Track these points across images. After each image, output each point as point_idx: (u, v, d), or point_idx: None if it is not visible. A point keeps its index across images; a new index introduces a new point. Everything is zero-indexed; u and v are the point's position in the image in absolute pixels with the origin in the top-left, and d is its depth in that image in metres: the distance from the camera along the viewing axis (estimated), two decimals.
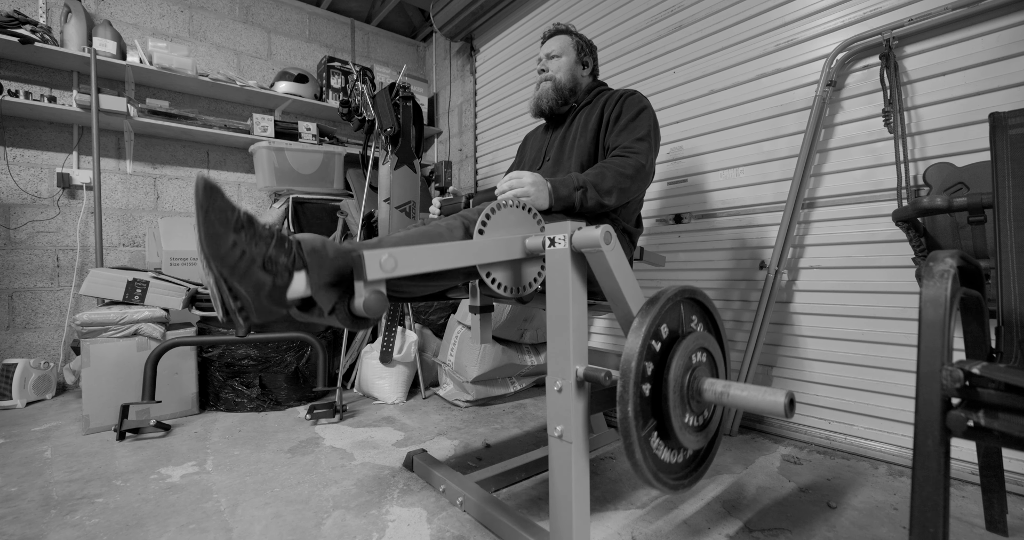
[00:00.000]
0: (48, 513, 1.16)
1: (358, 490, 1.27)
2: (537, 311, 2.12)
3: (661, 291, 0.86)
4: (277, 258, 0.74)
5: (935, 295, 0.70)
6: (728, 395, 0.80)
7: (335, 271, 0.78)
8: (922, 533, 0.67)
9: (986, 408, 0.66)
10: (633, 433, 0.77)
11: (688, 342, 0.85)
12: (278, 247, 0.74)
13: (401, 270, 0.78)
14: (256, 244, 0.72)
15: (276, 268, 0.73)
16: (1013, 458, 1.25)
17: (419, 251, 0.81)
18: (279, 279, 0.74)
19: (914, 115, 1.43)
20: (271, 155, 2.60)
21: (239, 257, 0.70)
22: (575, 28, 1.52)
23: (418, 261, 0.81)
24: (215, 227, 0.68)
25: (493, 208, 0.99)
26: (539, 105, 1.48)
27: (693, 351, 0.86)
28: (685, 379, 0.84)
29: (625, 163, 1.23)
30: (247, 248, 0.71)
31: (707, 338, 0.90)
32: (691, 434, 0.86)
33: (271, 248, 0.74)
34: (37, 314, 2.39)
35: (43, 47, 2.19)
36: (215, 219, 0.68)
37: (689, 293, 0.91)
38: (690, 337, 0.86)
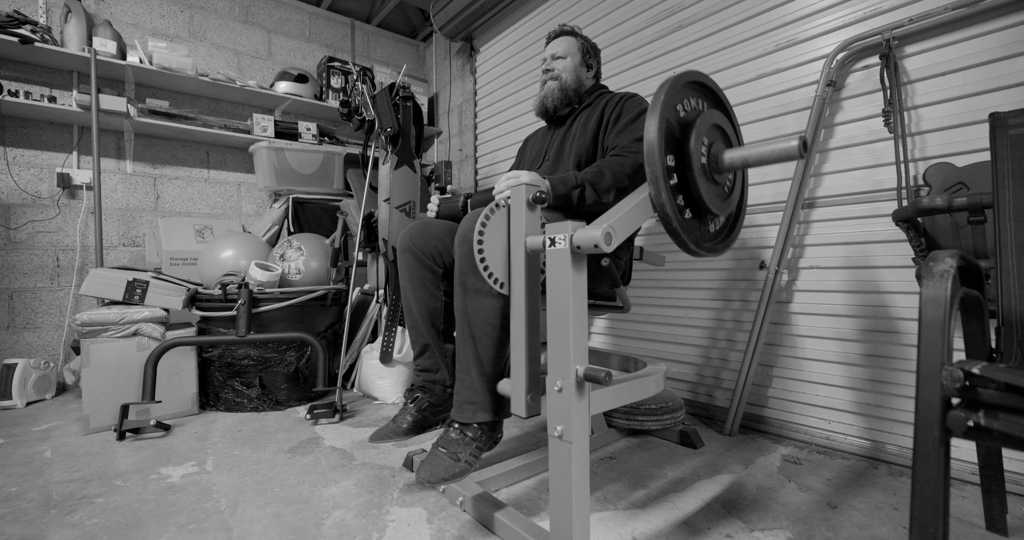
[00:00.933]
0: (48, 513, 1.16)
1: (358, 490, 1.27)
2: None
3: (664, 82, 0.94)
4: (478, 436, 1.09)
5: (935, 295, 0.70)
6: (748, 159, 0.91)
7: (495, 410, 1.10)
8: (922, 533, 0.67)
9: (986, 408, 0.66)
10: (667, 206, 0.88)
11: (701, 121, 0.93)
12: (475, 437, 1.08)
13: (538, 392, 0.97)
14: (466, 446, 1.07)
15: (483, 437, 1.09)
16: (1013, 458, 1.25)
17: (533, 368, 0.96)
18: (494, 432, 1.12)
19: (914, 115, 1.43)
20: (271, 155, 2.60)
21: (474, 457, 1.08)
22: (580, 30, 1.53)
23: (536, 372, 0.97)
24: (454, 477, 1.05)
25: (492, 209, 0.99)
26: (544, 105, 1.49)
27: (706, 129, 0.95)
28: (706, 157, 0.94)
29: (623, 162, 1.23)
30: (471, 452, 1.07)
31: (716, 115, 0.98)
32: (721, 202, 0.98)
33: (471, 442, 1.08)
34: (37, 314, 2.39)
35: (43, 47, 2.19)
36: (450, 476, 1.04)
37: (690, 77, 0.98)
38: (702, 117, 0.94)
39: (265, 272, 2.04)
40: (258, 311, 1.99)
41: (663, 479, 1.33)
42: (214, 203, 2.89)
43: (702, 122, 0.94)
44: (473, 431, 1.07)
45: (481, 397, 1.07)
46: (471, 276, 1.06)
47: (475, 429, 1.08)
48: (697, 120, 0.94)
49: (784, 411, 1.69)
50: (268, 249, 2.35)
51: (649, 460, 1.46)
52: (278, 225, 2.65)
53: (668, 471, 1.39)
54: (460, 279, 1.08)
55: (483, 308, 1.06)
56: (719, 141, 0.98)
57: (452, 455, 1.04)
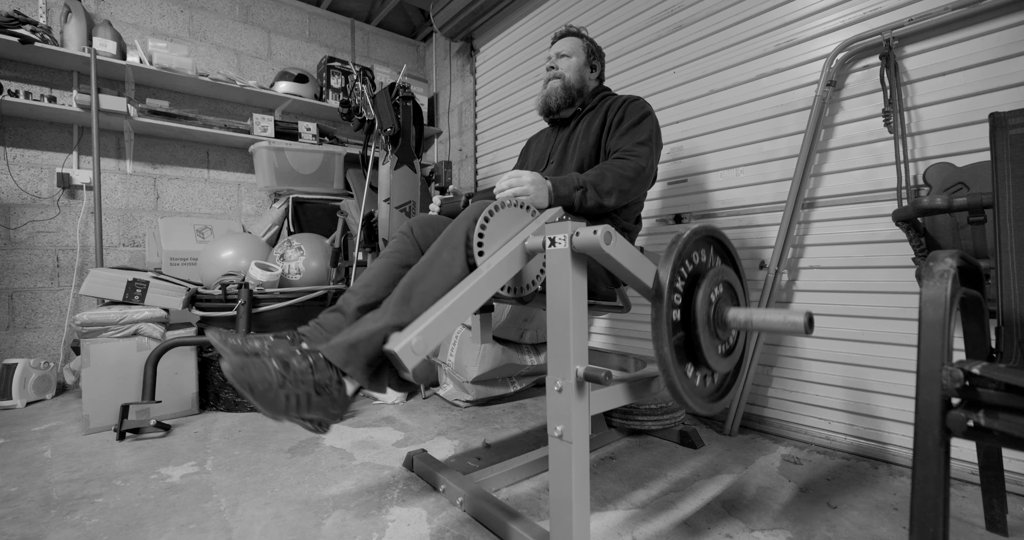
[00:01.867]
0: (48, 513, 1.16)
1: (358, 490, 1.27)
2: (537, 311, 2.12)
3: (679, 233, 0.93)
4: (323, 382, 0.84)
5: (935, 295, 0.70)
6: (751, 322, 0.90)
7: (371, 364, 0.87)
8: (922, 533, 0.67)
9: (986, 408, 0.66)
10: (671, 365, 0.86)
11: (710, 276, 0.93)
12: (320, 374, 0.85)
13: (432, 345, 0.84)
14: (302, 384, 0.82)
15: (328, 388, 0.85)
16: (1013, 458, 1.25)
17: (441, 319, 0.85)
18: (335, 394, 0.86)
19: (914, 115, 1.43)
20: (271, 155, 2.60)
21: (297, 402, 0.81)
22: (587, 32, 1.53)
23: (443, 328, 0.86)
24: (265, 396, 0.78)
25: (493, 208, 0.99)
26: (547, 103, 1.49)
27: (715, 284, 0.94)
28: (710, 311, 0.93)
29: (625, 165, 1.23)
30: (298, 392, 0.81)
31: (727, 272, 0.97)
32: (721, 360, 0.96)
33: (314, 379, 0.83)
34: (37, 314, 2.39)
35: (43, 47, 2.19)
36: (260, 389, 0.78)
37: (705, 232, 0.97)
38: (711, 272, 0.94)
39: (265, 272, 2.04)
40: (258, 311, 1.99)
41: (663, 479, 1.33)
42: (214, 203, 2.89)
43: (712, 275, 0.94)
44: (322, 375, 0.84)
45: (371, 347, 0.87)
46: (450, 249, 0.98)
47: (326, 375, 0.84)
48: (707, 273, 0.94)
49: (784, 411, 1.69)
50: (268, 249, 2.35)
51: (649, 460, 1.46)
52: (278, 225, 2.65)
53: (668, 471, 1.39)
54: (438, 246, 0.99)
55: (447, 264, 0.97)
56: (727, 297, 0.98)
57: (280, 377, 0.80)
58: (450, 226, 1.02)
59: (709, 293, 0.93)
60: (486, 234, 0.97)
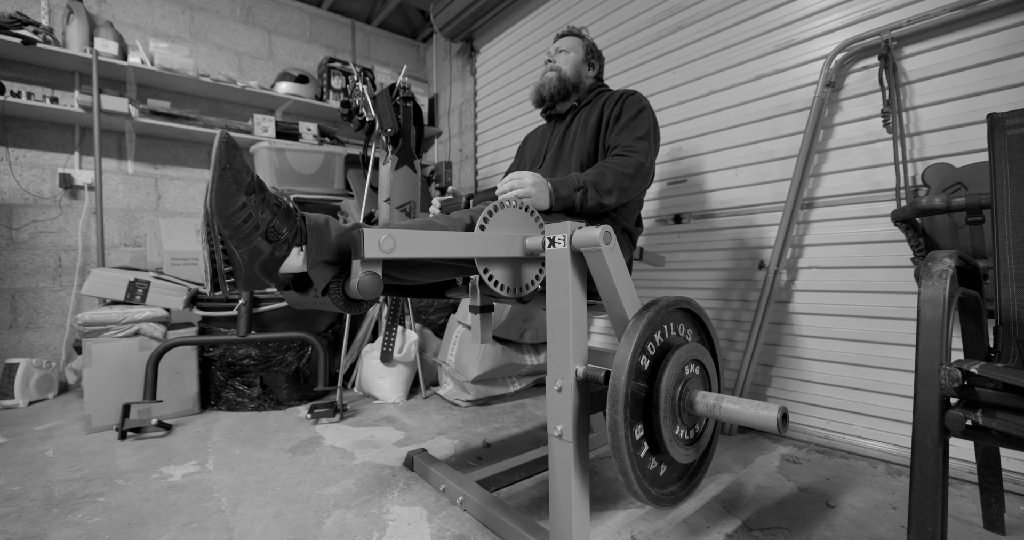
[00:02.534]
0: (50, 512, 1.16)
1: (359, 489, 1.28)
2: (537, 311, 2.13)
3: (655, 300, 0.86)
4: (280, 228, 0.73)
5: (933, 295, 0.71)
6: (720, 408, 0.79)
7: (335, 249, 0.77)
8: (920, 532, 0.67)
9: (984, 407, 0.66)
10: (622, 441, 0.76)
11: (680, 353, 0.85)
12: (284, 218, 0.73)
13: (399, 251, 0.77)
14: (263, 210, 0.71)
15: (278, 238, 0.73)
16: (1011, 457, 1.25)
17: (419, 235, 0.81)
18: (278, 250, 0.73)
19: (913, 116, 1.43)
20: (272, 155, 2.60)
21: (244, 220, 0.69)
22: (588, 33, 1.54)
23: (417, 245, 0.80)
24: (228, 185, 0.67)
25: (494, 208, 0.99)
26: (540, 92, 1.49)
27: (685, 363, 0.86)
28: (677, 391, 0.83)
29: (625, 162, 1.23)
30: (254, 212, 0.70)
31: (700, 350, 0.89)
32: (681, 447, 0.85)
33: (277, 217, 0.72)
34: (39, 314, 2.40)
35: (45, 48, 2.19)
36: (230, 177, 0.67)
37: (683, 304, 0.90)
38: (682, 348, 0.86)
39: None
40: (259, 311, 1.99)
41: None
42: None
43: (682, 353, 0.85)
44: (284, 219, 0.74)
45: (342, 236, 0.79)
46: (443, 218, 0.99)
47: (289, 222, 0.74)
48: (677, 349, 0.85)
49: None
50: None
51: None
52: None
53: None
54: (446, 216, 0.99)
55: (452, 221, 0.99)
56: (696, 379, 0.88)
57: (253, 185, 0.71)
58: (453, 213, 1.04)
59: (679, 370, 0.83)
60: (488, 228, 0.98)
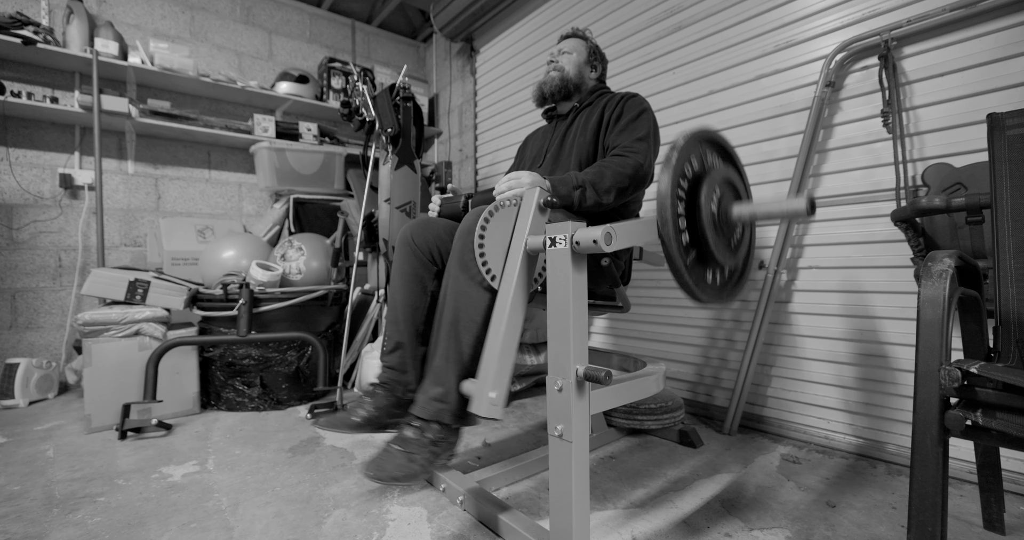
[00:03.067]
0: (50, 512, 1.16)
1: (359, 489, 1.28)
2: (537, 311, 2.12)
3: (678, 137, 0.95)
4: (436, 438, 1.02)
5: (933, 295, 0.71)
6: (755, 214, 0.94)
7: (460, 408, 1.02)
8: (920, 532, 0.67)
9: (984, 407, 0.66)
10: (680, 263, 0.90)
11: (711, 177, 0.95)
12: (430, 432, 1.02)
13: (505, 391, 0.95)
14: (422, 448, 1.00)
15: (442, 439, 1.03)
16: (1011, 457, 1.25)
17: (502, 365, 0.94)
18: (448, 434, 1.04)
19: (912, 116, 1.43)
20: (272, 155, 2.60)
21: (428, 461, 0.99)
22: (591, 35, 1.55)
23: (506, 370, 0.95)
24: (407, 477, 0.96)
25: (492, 210, 0.99)
26: (541, 90, 1.50)
27: (717, 183, 0.96)
28: (715, 208, 0.95)
29: (624, 162, 1.23)
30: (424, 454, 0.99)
31: (727, 170, 0.99)
32: (728, 254, 0.99)
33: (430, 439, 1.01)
34: (39, 314, 2.40)
35: (45, 48, 2.19)
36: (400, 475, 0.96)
37: (703, 134, 0.99)
38: (713, 172, 0.96)
39: (266, 272, 2.05)
40: (259, 311, 1.99)
41: (663, 478, 1.34)
42: (215, 203, 2.90)
43: (713, 176, 0.96)
44: (433, 432, 1.02)
45: (451, 396, 1.02)
46: (462, 272, 1.03)
47: (435, 430, 1.02)
48: (709, 174, 0.96)
49: (783, 410, 1.69)
50: (269, 249, 2.35)
51: (649, 459, 1.47)
52: (279, 225, 2.65)
53: (668, 470, 1.39)
54: (454, 268, 1.04)
55: (473, 299, 1.03)
56: (728, 195, 1.00)
57: (407, 454, 0.98)
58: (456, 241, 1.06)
59: (712, 193, 0.94)
60: (487, 236, 0.98)
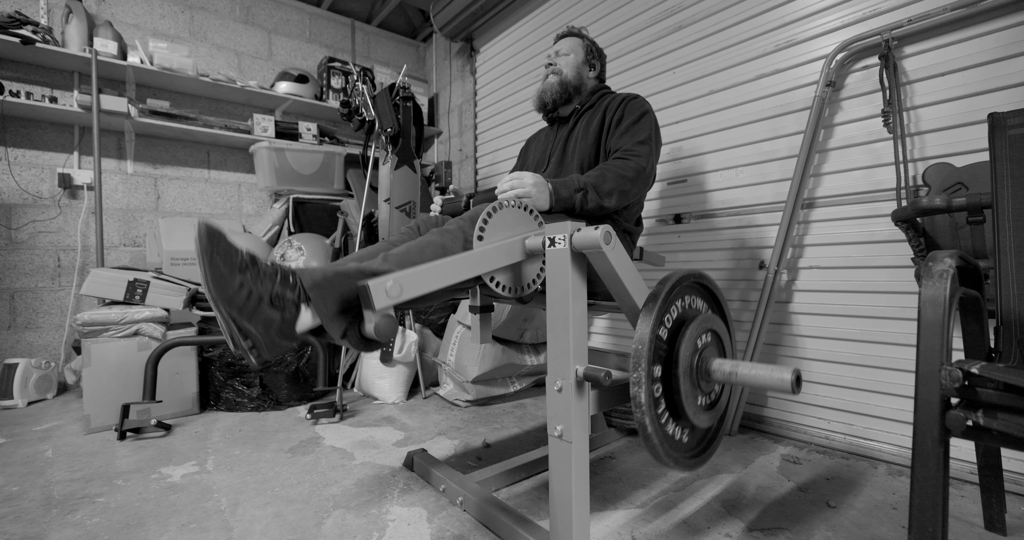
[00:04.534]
0: (49, 512, 1.16)
1: (358, 490, 1.28)
2: (537, 311, 2.12)
3: (666, 277, 0.90)
4: (283, 294, 0.76)
5: (934, 295, 0.70)
6: (736, 374, 0.84)
7: (341, 299, 0.79)
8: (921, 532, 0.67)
9: (985, 408, 0.66)
10: (647, 415, 0.81)
11: (695, 325, 0.88)
12: (283, 283, 0.76)
13: (407, 295, 0.80)
14: (262, 282, 0.74)
15: (284, 303, 0.76)
16: (1012, 458, 1.25)
17: (423, 272, 0.82)
18: (287, 314, 0.76)
19: (913, 115, 1.43)
20: (271, 155, 2.60)
21: (247, 297, 0.72)
22: (588, 33, 1.53)
23: (422, 283, 0.82)
24: (220, 269, 0.70)
25: (494, 208, 0.99)
26: (542, 98, 1.49)
27: (700, 333, 0.90)
28: (694, 361, 0.88)
29: (626, 165, 1.23)
30: (253, 287, 0.73)
31: (713, 320, 0.93)
32: (702, 413, 0.90)
33: (276, 285, 0.76)
34: (38, 314, 2.40)
35: (44, 48, 2.19)
36: (220, 262, 0.70)
37: (694, 278, 0.94)
38: (697, 320, 0.89)
39: None
40: None
41: (663, 479, 1.34)
42: (215, 203, 2.90)
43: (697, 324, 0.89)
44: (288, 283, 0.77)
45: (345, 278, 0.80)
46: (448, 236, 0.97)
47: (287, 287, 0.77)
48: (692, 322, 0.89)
49: (783, 411, 1.69)
50: (269, 249, 2.35)
51: (649, 460, 1.47)
52: (278, 225, 2.65)
53: (668, 471, 1.39)
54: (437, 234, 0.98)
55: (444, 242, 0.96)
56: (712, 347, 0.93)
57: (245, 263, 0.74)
58: (449, 222, 1.03)
59: (695, 340, 0.87)
60: (487, 229, 0.97)
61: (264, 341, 0.75)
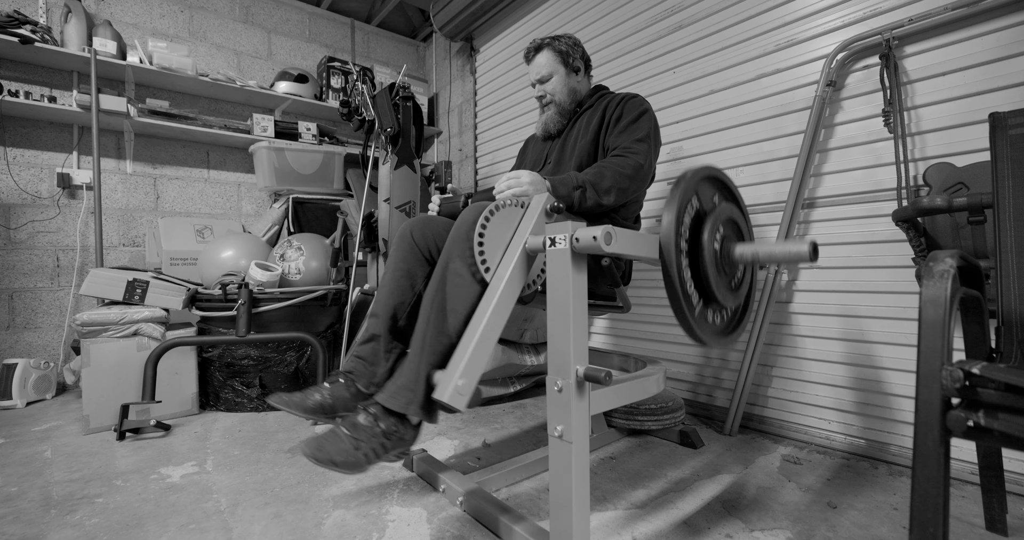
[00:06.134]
0: (48, 513, 1.16)
1: (358, 490, 1.27)
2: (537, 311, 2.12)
3: (682, 174, 0.93)
4: (390, 429, 0.94)
5: (935, 295, 0.70)
6: (758, 255, 0.92)
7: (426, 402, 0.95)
8: (922, 533, 0.67)
9: (986, 408, 0.66)
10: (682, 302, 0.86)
11: (714, 216, 0.94)
12: (384, 422, 0.94)
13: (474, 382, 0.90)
14: (373, 438, 0.93)
15: (396, 432, 0.95)
16: (1013, 458, 1.25)
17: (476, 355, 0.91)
18: (404, 430, 0.96)
19: (914, 115, 1.43)
20: (271, 155, 2.60)
21: (374, 452, 0.92)
22: (550, 37, 1.48)
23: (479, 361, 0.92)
24: (347, 464, 0.89)
25: (492, 209, 0.99)
26: (547, 130, 1.49)
27: (719, 223, 0.94)
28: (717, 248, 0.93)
29: (624, 163, 1.23)
30: (373, 445, 0.92)
31: (730, 209, 0.98)
32: (729, 294, 0.97)
33: (382, 430, 0.94)
34: (37, 314, 2.39)
35: (43, 47, 2.19)
36: (341, 460, 0.88)
37: (706, 172, 0.98)
38: (715, 211, 0.95)
39: (265, 272, 2.04)
40: (258, 311, 1.99)
41: (663, 479, 1.34)
42: (214, 203, 2.89)
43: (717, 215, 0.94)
44: (387, 423, 0.94)
45: (420, 386, 0.95)
46: (457, 260, 1.00)
47: (390, 422, 0.95)
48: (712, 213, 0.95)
49: (784, 411, 1.69)
50: (268, 249, 2.35)
51: (649, 460, 1.47)
52: (278, 225, 2.65)
53: (668, 471, 1.39)
54: (445, 258, 1.02)
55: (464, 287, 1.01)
56: (731, 235, 0.99)
57: (353, 440, 0.92)
58: (452, 233, 1.02)
59: (715, 232, 0.93)
60: (487, 234, 0.97)
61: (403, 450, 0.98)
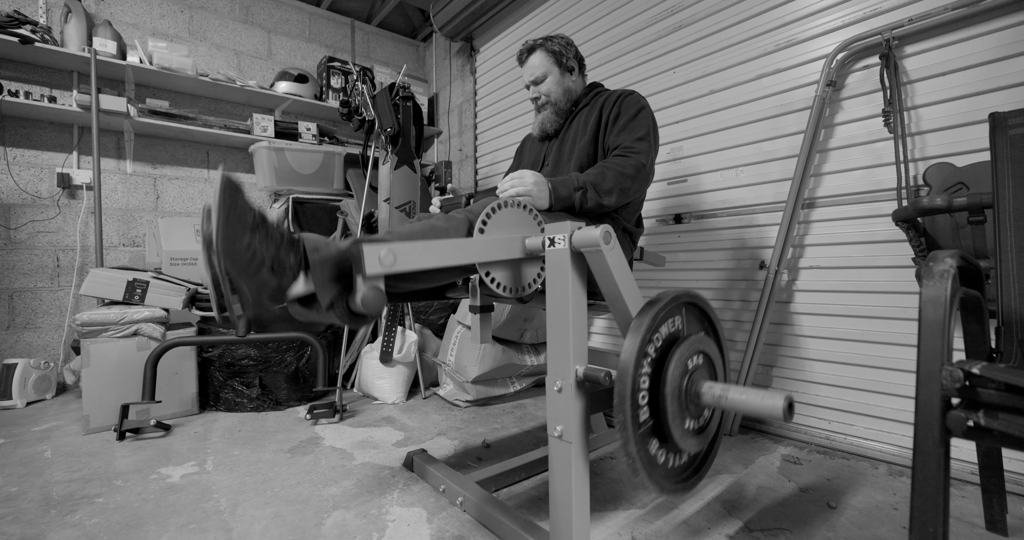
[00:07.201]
0: (48, 513, 1.16)
1: (358, 490, 1.27)
2: (537, 311, 2.12)
3: (660, 294, 0.86)
4: (286, 260, 0.74)
5: (935, 295, 0.70)
6: (726, 398, 0.79)
7: (336, 266, 0.77)
8: (922, 533, 0.67)
9: (986, 408, 0.66)
10: (631, 437, 0.76)
11: (686, 345, 0.84)
12: (287, 248, 0.75)
13: (400, 266, 0.77)
14: (267, 245, 0.72)
15: (283, 269, 0.74)
16: (1013, 458, 1.25)
17: (419, 247, 0.81)
18: (284, 280, 0.75)
19: (914, 115, 1.43)
20: (271, 155, 2.60)
21: (250, 258, 0.70)
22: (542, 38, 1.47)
23: (418, 257, 0.80)
24: (233, 226, 0.68)
25: (494, 207, 0.99)
26: (544, 130, 1.48)
27: (691, 354, 0.85)
28: (683, 382, 0.83)
29: (625, 163, 1.23)
30: (259, 249, 0.71)
31: (705, 341, 0.89)
32: (689, 438, 0.85)
33: (281, 250, 0.74)
34: (37, 314, 2.39)
35: (43, 47, 2.19)
36: (235, 218, 0.68)
37: (688, 297, 0.90)
38: (688, 340, 0.85)
39: None
40: None
41: None
42: None
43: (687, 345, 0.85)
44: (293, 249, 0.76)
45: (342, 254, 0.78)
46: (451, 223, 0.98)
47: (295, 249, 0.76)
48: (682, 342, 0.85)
49: None
50: None
51: None
52: (286, 224, 2.65)
53: None
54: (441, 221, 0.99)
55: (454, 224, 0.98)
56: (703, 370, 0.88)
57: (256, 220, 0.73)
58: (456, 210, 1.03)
59: (685, 361, 0.83)
60: (488, 227, 0.97)
61: (253, 301, 0.73)
